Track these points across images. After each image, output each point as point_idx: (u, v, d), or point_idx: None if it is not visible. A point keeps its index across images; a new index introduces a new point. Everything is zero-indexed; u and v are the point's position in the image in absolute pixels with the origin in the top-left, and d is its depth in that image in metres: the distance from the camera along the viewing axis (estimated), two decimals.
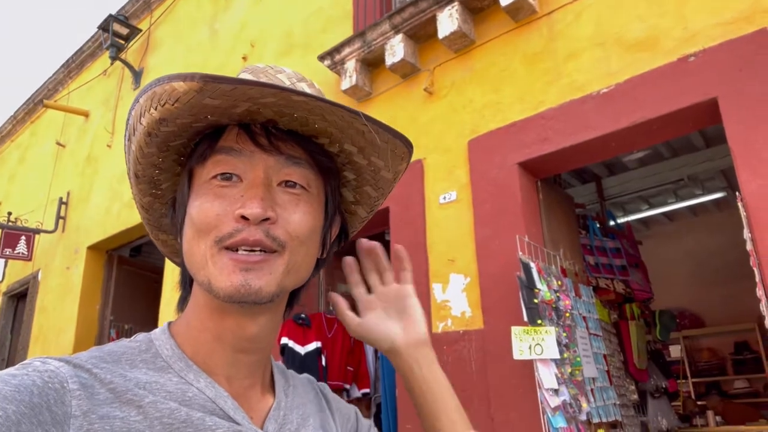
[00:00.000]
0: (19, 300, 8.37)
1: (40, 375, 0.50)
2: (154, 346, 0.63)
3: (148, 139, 0.61)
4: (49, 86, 8.86)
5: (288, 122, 0.64)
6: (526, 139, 3.26)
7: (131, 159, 0.65)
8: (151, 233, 0.78)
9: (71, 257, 7.02)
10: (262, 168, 0.62)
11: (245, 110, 0.60)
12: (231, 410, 0.61)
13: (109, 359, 0.58)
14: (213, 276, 0.59)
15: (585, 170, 5.23)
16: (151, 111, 0.58)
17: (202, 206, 0.61)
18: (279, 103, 0.59)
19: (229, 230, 0.59)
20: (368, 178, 0.76)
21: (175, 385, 0.59)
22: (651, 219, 7.58)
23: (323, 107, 0.61)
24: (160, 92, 0.56)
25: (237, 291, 0.58)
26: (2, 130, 10.17)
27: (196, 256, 0.61)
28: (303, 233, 0.63)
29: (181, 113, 0.58)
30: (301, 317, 4.13)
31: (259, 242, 0.59)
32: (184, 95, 0.55)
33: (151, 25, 7.10)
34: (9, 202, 9.13)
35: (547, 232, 3.38)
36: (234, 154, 0.62)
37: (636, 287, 4.43)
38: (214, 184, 0.62)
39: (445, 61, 3.81)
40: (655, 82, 2.84)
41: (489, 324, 3.13)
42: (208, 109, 0.58)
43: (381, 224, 4.03)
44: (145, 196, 0.70)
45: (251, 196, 0.60)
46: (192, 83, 0.54)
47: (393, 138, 0.68)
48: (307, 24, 4.90)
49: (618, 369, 3.72)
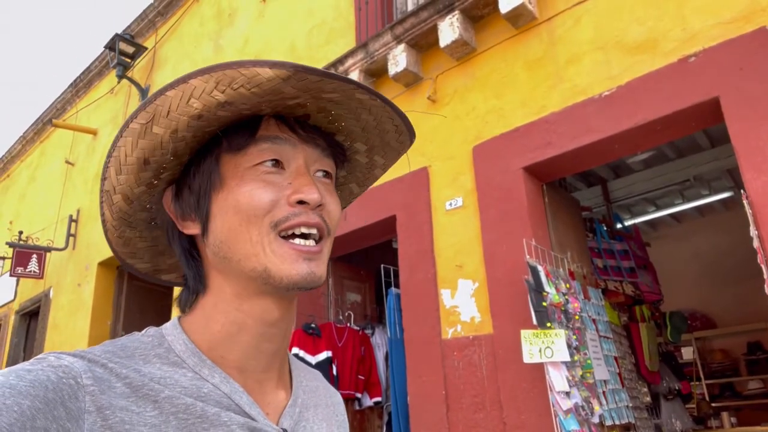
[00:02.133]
0: (31, 318, 8.43)
1: (55, 370, 0.50)
2: (166, 341, 0.62)
3: (194, 122, 0.60)
4: (58, 106, 8.98)
5: (319, 118, 0.68)
6: (530, 143, 3.28)
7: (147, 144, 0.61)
8: (115, 230, 0.70)
9: (82, 274, 7.08)
10: (303, 157, 0.65)
11: (296, 103, 0.63)
12: (246, 406, 0.60)
13: (122, 354, 0.57)
14: (273, 264, 0.60)
15: (590, 173, 5.24)
16: (214, 93, 0.57)
17: (253, 192, 0.61)
18: (335, 99, 0.63)
19: (285, 214, 0.61)
20: (358, 176, 0.81)
21: (189, 381, 0.59)
22: (658, 221, 7.55)
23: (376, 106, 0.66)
24: (235, 75, 0.56)
25: (303, 279, 0.60)
26: (12, 151, 10.30)
27: (245, 243, 0.61)
28: (338, 220, 0.68)
29: (251, 99, 0.59)
30: (311, 327, 4.15)
31: (318, 225, 0.62)
32: (267, 81, 0.56)
33: (157, 43, 7.20)
34: (20, 221, 9.23)
35: (554, 236, 3.39)
36: (279, 142, 0.64)
37: (645, 289, 4.42)
38: (261, 171, 0.62)
39: (448, 69, 3.85)
40: (656, 84, 2.86)
41: (498, 328, 3.13)
42: (278, 96, 0.60)
43: (388, 232, 4.06)
44: (140, 186, 0.66)
45: (305, 182, 0.62)
46: (280, 71, 0.55)
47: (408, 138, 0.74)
48: (311, 37, 4.96)
49: (630, 371, 3.71)
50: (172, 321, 0.66)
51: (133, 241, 0.73)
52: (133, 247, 0.74)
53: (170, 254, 0.77)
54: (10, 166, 10.61)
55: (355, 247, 4.47)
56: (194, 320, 0.65)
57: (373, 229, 4.07)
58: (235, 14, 6.07)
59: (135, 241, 0.73)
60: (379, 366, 4.50)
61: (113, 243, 0.73)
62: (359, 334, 4.47)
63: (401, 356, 3.70)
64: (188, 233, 0.67)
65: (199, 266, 0.67)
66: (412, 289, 3.64)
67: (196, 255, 0.68)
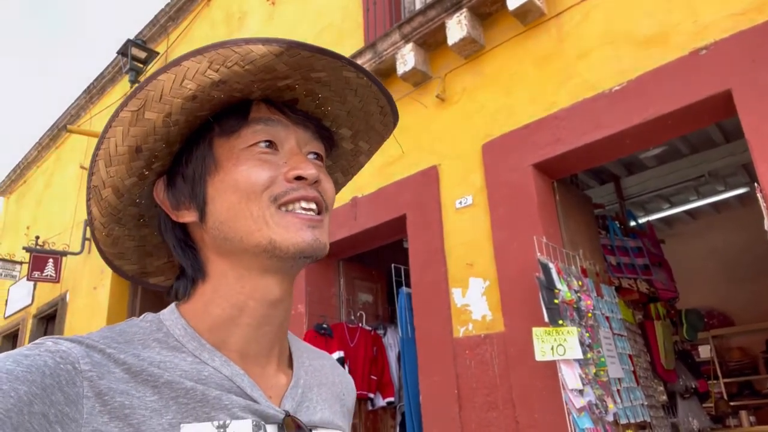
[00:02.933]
0: (48, 322, 8.54)
1: (52, 355, 0.50)
2: (164, 326, 0.62)
3: (188, 104, 0.60)
4: (72, 112, 9.10)
5: (306, 103, 0.70)
6: (540, 140, 3.26)
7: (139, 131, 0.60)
8: (104, 228, 0.69)
9: (98, 277, 7.16)
10: (294, 138, 0.66)
11: (285, 85, 0.65)
12: (248, 388, 0.60)
13: (121, 339, 0.57)
14: (279, 234, 0.60)
15: (603, 171, 5.19)
16: (207, 73, 0.57)
17: (251, 170, 0.62)
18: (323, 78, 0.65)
19: (284, 189, 0.62)
20: (343, 164, 0.82)
21: (189, 365, 0.58)
22: (673, 218, 7.46)
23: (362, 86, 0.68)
24: (229, 54, 0.57)
25: (310, 246, 0.61)
26: (28, 157, 10.45)
27: (246, 220, 0.61)
28: (333, 198, 0.69)
29: (245, 77, 0.60)
30: (323, 327, 4.15)
31: (316, 198, 0.64)
32: (261, 58, 0.58)
33: (168, 48, 7.27)
34: (37, 226, 9.35)
35: (566, 233, 3.37)
36: (272, 124, 0.65)
37: (660, 286, 4.37)
38: (256, 151, 0.63)
39: (456, 67, 3.84)
40: (667, 78, 2.82)
41: (510, 326, 3.11)
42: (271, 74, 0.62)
43: (399, 232, 4.05)
44: (132, 176, 0.65)
45: (301, 160, 0.64)
46: (273, 47, 0.57)
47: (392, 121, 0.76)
48: (320, 38, 4.97)
49: (645, 369, 3.66)
50: (169, 307, 0.66)
51: (121, 239, 0.72)
52: (121, 247, 0.73)
53: (158, 256, 0.77)
54: (26, 172, 10.77)
55: (366, 247, 4.47)
56: (193, 307, 0.65)
57: (383, 229, 4.07)
58: (244, 17, 6.11)
59: (123, 239, 0.72)
60: (392, 366, 4.49)
61: (101, 242, 0.72)
62: (371, 335, 4.47)
63: (413, 356, 3.69)
64: (183, 221, 0.66)
65: (196, 254, 0.67)
66: (423, 288, 3.63)
67: (192, 244, 0.67)
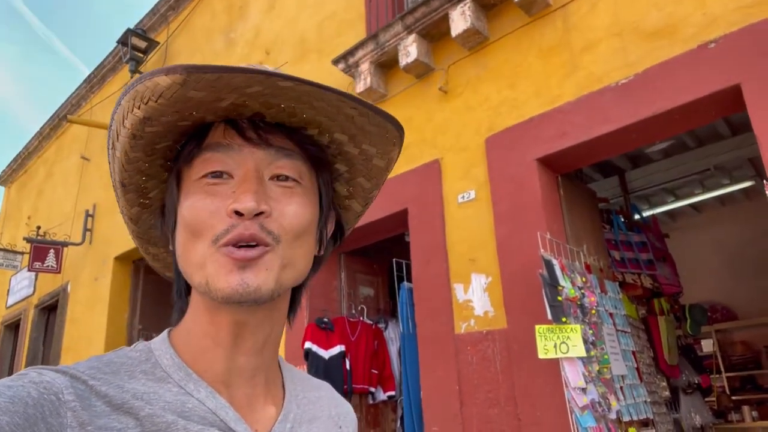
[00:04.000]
0: (50, 312, 8.55)
1: (36, 386, 0.49)
2: (153, 355, 0.61)
3: (132, 141, 0.59)
4: (73, 102, 9.06)
5: (275, 114, 0.62)
6: (544, 134, 3.21)
7: (116, 167, 0.63)
8: (141, 247, 0.75)
9: (99, 268, 7.15)
10: (252, 162, 0.60)
11: (231, 104, 0.58)
12: (232, 422, 0.58)
13: (107, 370, 0.56)
14: (210, 277, 0.57)
15: (607, 164, 5.14)
16: (134, 111, 0.56)
17: (193, 206, 0.59)
18: (265, 92, 0.57)
19: (224, 227, 0.57)
20: (361, 169, 0.74)
21: (174, 396, 0.57)
22: (677, 211, 7.42)
23: (311, 92, 0.58)
24: (143, 90, 0.54)
25: (235, 291, 0.56)
26: (29, 147, 10.42)
27: (192, 259, 0.59)
28: (299, 226, 0.61)
29: (166, 110, 0.56)
30: (323, 321, 4.13)
31: (254, 237, 0.57)
32: (167, 90, 0.53)
33: (169, 38, 7.20)
34: (38, 216, 9.35)
35: (570, 228, 3.32)
36: (222, 150, 0.60)
37: (664, 281, 4.33)
38: (204, 183, 0.60)
39: (460, 59, 3.78)
40: (675, 71, 2.77)
41: (512, 323, 3.08)
42: (193, 103, 0.56)
43: (400, 226, 4.02)
44: (133, 207, 0.68)
45: (243, 190, 0.58)
46: (175, 76, 0.52)
47: (384, 121, 0.65)
48: (321, 29, 4.91)
49: (648, 365, 3.63)
50: (162, 335, 0.65)
51: (161, 256, 0.76)
52: (164, 262, 0.77)
53: None
54: (27, 162, 10.75)
55: (368, 241, 4.44)
56: (180, 334, 0.64)
57: (385, 223, 4.03)
58: (245, 7, 6.04)
59: (162, 256, 0.76)
60: (393, 360, 4.47)
61: (147, 259, 0.77)
62: (372, 329, 4.44)
63: (414, 351, 3.67)
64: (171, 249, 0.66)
65: (181, 282, 0.67)
66: (424, 283, 3.60)
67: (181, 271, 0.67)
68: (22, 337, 8.90)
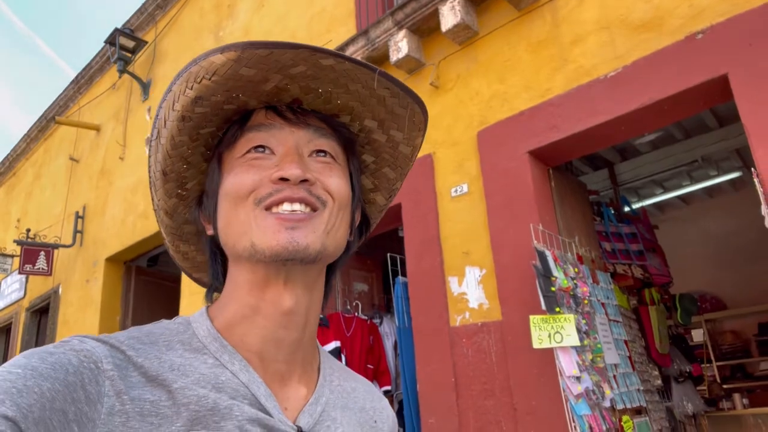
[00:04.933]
0: (41, 315, 8.49)
1: (77, 354, 0.51)
2: (191, 327, 0.63)
3: (181, 124, 0.62)
4: (60, 103, 8.97)
5: (312, 101, 0.67)
6: (535, 127, 3.24)
7: (160, 156, 0.65)
8: (172, 244, 0.76)
9: (90, 270, 7.11)
10: (292, 140, 0.64)
11: (274, 87, 0.63)
12: (263, 397, 0.59)
13: (146, 340, 0.58)
14: (257, 237, 0.59)
15: (597, 156, 5.19)
16: (186, 92, 0.59)
17: (236, 177, 0.62)
18: (307, 73, 0.61)
19: (268, 190, 0.61)
20: (387, 158, 0.77)
21: (209, 368, 0.59)
22: (666, 203, 7.50)
23: (349, 71, 0.63)
24: (196, 70, 0.58)
25: (285, 249, 0.58)
26: (17, 149, 10.32)
27: (236, 225, 0.61)
28: (343, 194, 0.65)
29: (217, 89, 0.60)
30: (319, 317, 4.14)
31: (303, 198, 0.61)
32: (221, 67, 0.57)
33: (157, 37, 7.16)
34: (27, 218, 9.27)
35: (561, 220, 3.36)
36: (264, 129, 0.64)
37: (654, 272, 4.39)
38: (248, 158, 0.63)
39: (450, 54, 3.80)
40: (663, 63, 2.81)
41: (507, 315, 3.11)
42: (242, 82, 0.60)
43: (394, 221, 4.03)
44: (171, 198, 0.70)
45: (288, 161, 0.62)
46: (230, 53, 0.56)
47: (412, 102, 0.70)
48: (311, 26, 4.91)
49: (640, 355, 3.68)
50: (201, 309, 0.67)
51: (191, 254, 0.77)
52: (193, 261, 0.79)
53: None
54: (15, 164, 10.64)
55: None
56: (217, 307, 0.66)
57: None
58: (234, 5, 6.02)
59: (193, 254, 0.78)
60: (388, 355, 4.49)
61: (175, 258, 0.78)
62: (367, 324, 4.46)
63: (410, 345, 3.69)
64: (209, 234, 0.69)
65: (218, 265, 0.70)
66: (419, 277, 3.62)
67: (218, 255, 0.70)
68: (14, 341, 8.82)
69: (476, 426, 3.13)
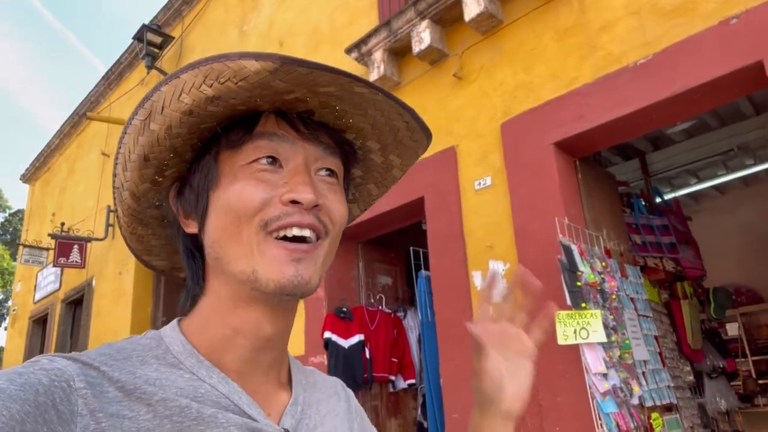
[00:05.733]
0: (76, 306, 8.73)
1: (47, 373, 0.49)
2: (164, 342, 0.61)
3: (185, 117, 0.58)
4: (92, 99, 9.17)
5: (325, 114, 0.64)
6: (561, 117, 3.16)
7: (145, 140, 0.60)
8: (128, 226, 0.71)
9: (122, 262, 7.26)
10: (303, 155, 0.62)
11: (294, 98, 0.60)
12: (246, 405, 0.59)
13: (118, 356, 0.56)
14: (261, 266, 0.57)
15: (628, 146, 5.05)
16: (202, 88, 0.55)
17: (244, 190, 0.59)
18: (335, 93, 0.59)
19: (276, 213, 0.58)
20: (375, 176, 0.77)
21: (186, 382, 0.57)
22: (700, 193, 7.28)
23: (374, 100, 0.62)
24: (221, 69, 0.54)
25: (290, 283, 0.57)
26: (51, 145, 10.59)
27: (236, 245, 0.59)
28: (341, 222, 0.64)
29: (240, 93, 0.56)
30: (342, 311, 4.14)
31: (312, 225, 0.59)
32: (254, 74, 0.54)
33: (183, 32, 7.24)
34: (62, 212, 9.52)
35: (588, 213, 3.28)
36: (276, 139, 0.61)
37: (687, 265, 4.26)
38: (256, 168, 0.60)
39: (474, 44, 3.73)
40: (695, 49, 2.70)
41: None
42: (269, 91, 0.57)
43: (417, 214, 4.00)
44: (145, 183, 0.65)
45: (301, 181, 0.59)
46: (267, 63, 0.53)
47: (423, 137, 0.70)
48: (334, 18, 4.89)
49: (671, 350, 3.59)
50: (171, 324, 0.65)
51: (146, 238, 0.73)
52: (147, 245, 0.74)
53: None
54: (49, 159, 10.93)
55: (385, 230, 4.43)
56: (193, 322, 0.64)
57: (401, 212, 4.02)
58: None
59: (148, 238, 0.73)
60: (413, 348, 4.48)
61: (128, 239, 0.73)
62: (391, 317, 4.45)
63: (433, 338, 3.67)
64: (189, 232, 0.65)
65: (198, 267, 0.66)
66: (442, 271, 3.59)
67: (197, 255, 0.66)
68: (50, 332, 9.10)
69: None
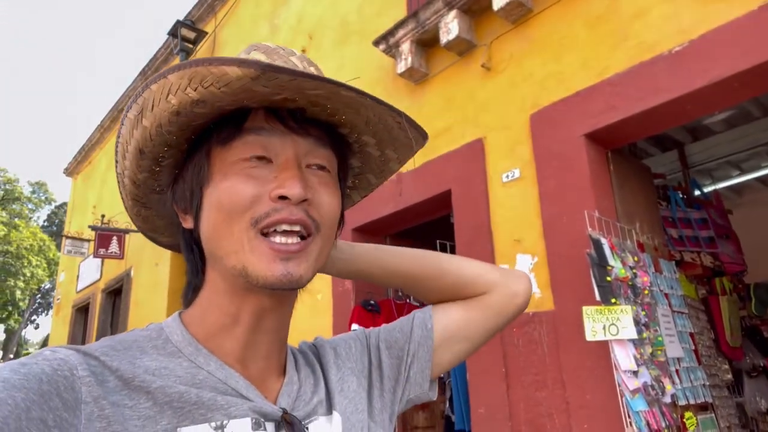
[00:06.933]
0: (116, 296, 9.01)
1: (50, 363, 0.51)
2: (164, 333, 0.63)
3: (174, 118, 0.59)
4: (129, 94, 9.40)
5: (317, 112, 0.64)
6: (592, 108, 3.07)
7: (139, 135, 0.62)
8: (132, 208, 0.73)
9: (159, 254, 7.45)
10: (293, 149, 0.62)
11: (283, 98, 0.59)
12: (243, 389, 0.61)
13: (119, 347, 0.58)
14: (251, 263, 0.59)
15: (665, 137, 4.88)
16: (187, 91, 0.56)
17: (234, 187, 0.60)
18: (323, 95, 0.59)
19: (265, 210, 0.59)
20: (373, 167, 0.78)
21: (185, 370, 0.59)
22: (743, 185, 6.99)
23: (367, 104, 0.61)
24: (205, 73, 0.54)
25: (279, 281, 0.58)
26: (92, 138, 10.92)
27: (227, 241, 0.60)
28: (333, 216, 0.64)
29: (224, 98, 0.57)
30: (370, 303, 4.15)
31: (301, 221, 0.60)
32: (236, 81, 0.54)
33: (216, 27, 7.34)
34: (102, 205, 9.81)
35: (621, 206, 3.19)
36: (264, 134, 0.61)
37: (726, 260, 4.11)
38: (245, 165, 0.61)
39: (502, 33, 3.66)
40: (733, 36, 2.58)
41: (559, 305, 3.00)
42: (253, 95, 0.57)
43: (444, 207, 3.97)
44: (143, 173, 0.67)
45: (289, 176, 0.59)
46: (249, 70, 0.53)
47: (418, 136, 0.70)
48: (362, 10, 4.87)
49: (708, 348, 3.47)
50: (173, 315, 0.67)
51: (151, 218, 0.76)
52: (152, 224, 0.77)
53: None
54: (91, 153, 11.28)
55: (412, 223, 4.41)
56: (193, 313, 0.66)
57: (428, 205, 3.99)
58: None
59: (152, 219, 0.76)
60: None
61: (133, 219, 0.76)
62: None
63: None
64: (186, 227, 0.67)
65: (197, 260, 0.67)
66: None
67: (195, 248, 0.67)
68: (92, 320, 9.43)
69: (527, 418, 3.05)
